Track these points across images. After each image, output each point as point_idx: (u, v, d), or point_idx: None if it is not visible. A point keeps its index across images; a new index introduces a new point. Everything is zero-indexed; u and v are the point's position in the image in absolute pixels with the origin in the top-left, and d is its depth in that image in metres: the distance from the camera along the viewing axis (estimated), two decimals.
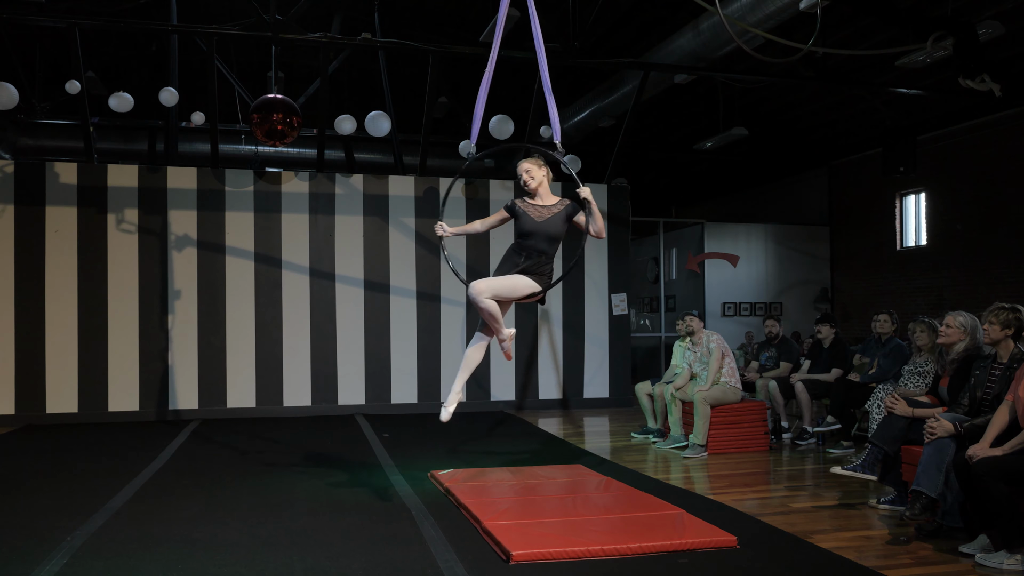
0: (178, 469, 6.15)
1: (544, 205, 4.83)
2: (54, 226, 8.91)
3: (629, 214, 10.71)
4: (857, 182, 13.16)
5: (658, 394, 7.65)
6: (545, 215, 4.78)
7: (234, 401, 9.24)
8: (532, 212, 4.78)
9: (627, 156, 11.34)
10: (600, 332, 10.34)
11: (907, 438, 4.83)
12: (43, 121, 11.35)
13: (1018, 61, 9.28)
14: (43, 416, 8.75)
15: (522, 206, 4.81)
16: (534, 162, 4.87)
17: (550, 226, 4.76)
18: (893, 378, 6.55)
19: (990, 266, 10.67)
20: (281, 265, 9.44)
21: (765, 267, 13.73)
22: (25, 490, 5.41)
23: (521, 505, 4.86)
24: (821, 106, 12.20)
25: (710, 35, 8.45)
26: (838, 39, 9.58)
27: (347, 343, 9.56)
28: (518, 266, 4.71)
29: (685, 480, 5.94)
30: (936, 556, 4.02)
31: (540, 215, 4.77)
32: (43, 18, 7.99)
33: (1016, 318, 4.39)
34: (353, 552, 3.97)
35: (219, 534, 4.27)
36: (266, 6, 7.98)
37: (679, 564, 3.78)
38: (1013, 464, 3.84)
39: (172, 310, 9.13)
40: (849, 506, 5.05)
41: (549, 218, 4.77)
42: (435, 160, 11.38)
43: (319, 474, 5.92)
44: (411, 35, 9.42)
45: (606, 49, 11.03)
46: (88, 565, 3.75)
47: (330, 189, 9.66)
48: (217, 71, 9.18)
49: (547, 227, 4.75)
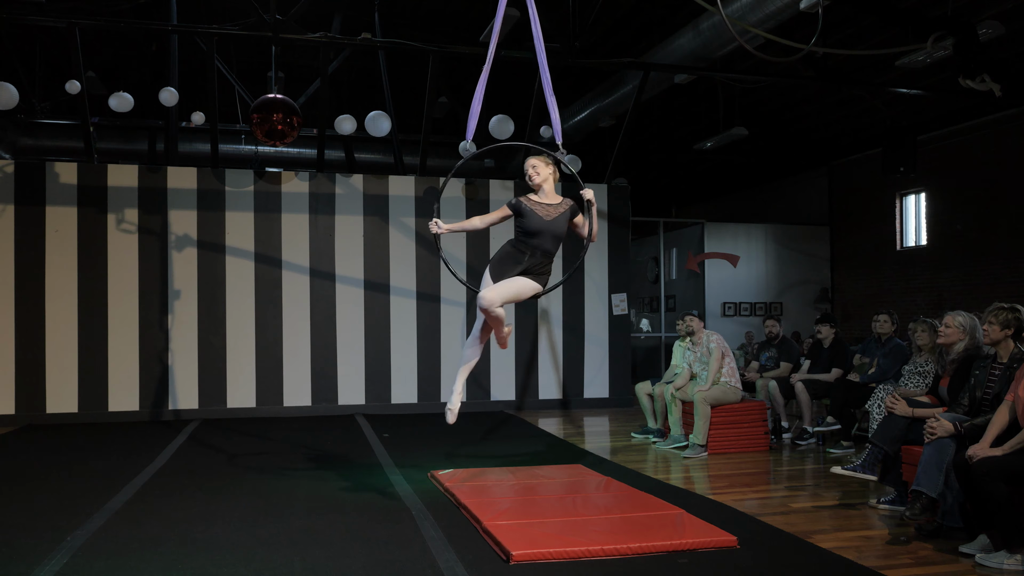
0: (178, 469, 6.15)
1: (551, 204, 4.78)
2: (54, 226, 8.91)
3: (629, 214, 10.71)
4: (857, 182, 13.16)
5: (658, 394, 7.65)
6: (552, 214, 4.73)
7: (234, 401, 9.24)
8: (540, 211, 4.72)
9: (627, 156, 11.34)
10: (600, 332, 10.34)
11: (907, 438, 4.83)
12: (43, 121, 11.35)
13: (1018, 61, 9.28)
14: (43, 416, 8.75)
15: (528, 204, 4.75)
16: (542, 159, 4.83)
17: (556, 226, 4.73)
18: (893, 378, 6.55)
19: (990, 266, 10.67)
20: (281, 265, 9.44)
21: (765, 267, 13.73)
22: (25, 490, 5.40)
23: (521, 505, 4.86)
24: (821, 106, 12.20)
25: (710, 35, 8.45)
26: (838, 39, 9.58)
27: (347, 343, 9.56)
28: (521, 264, 4.68)
29: (685, 480, 5.94)
30: (936, 556, 4.02)
31: (548, 214, 4.72)
32: (43, 18, 7.98)
33: (1016, 318, 4.39)
34: (353, 552, 3.97)
35: (219, 534, 4.27)
36: (266, 6, 7.98)
37: (679, 564, 3.78)
38: (1013, 464, 3.84)
39: (172, 310, 9.13)
40: (849, 506, 5.05)
41: (556, 217, 4.73)
42: (435, 160, 11.38)
43: (319, 474, 5.92)
44: (411, 35, 9.41)
45: (606, 49, 11.04)
46: (88, 565, 3.75)
47: (330, 189, 9.66)
48: (217, 71, 9.18)
49: (554, 227, 4.71)
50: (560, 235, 4.74)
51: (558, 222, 4.73)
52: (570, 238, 5.06)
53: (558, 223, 4.73)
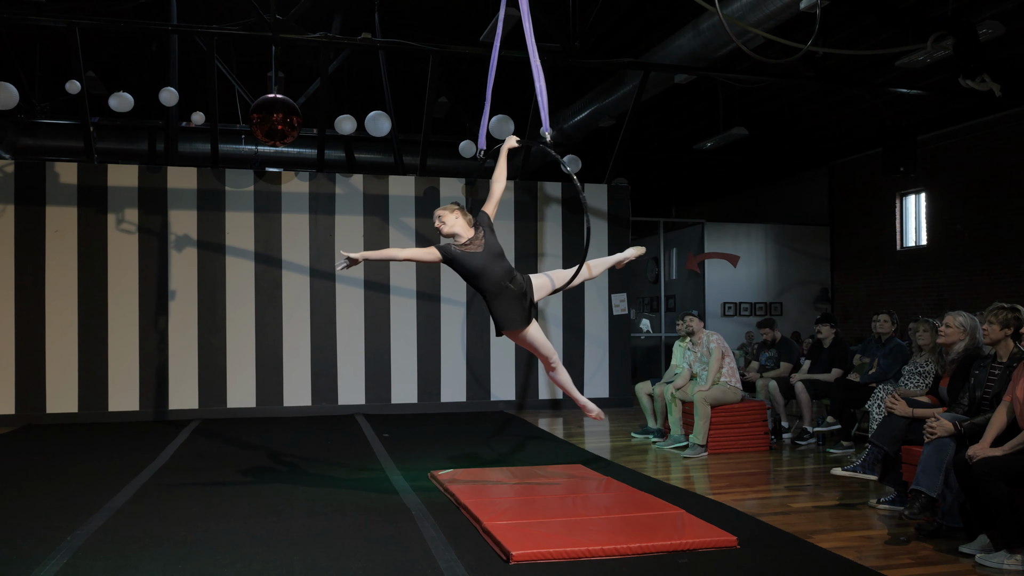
0: (178, 469, 6.15)
1: (473, 238, 4.80)
2: (54, 226, 8.91)
3: (629, 214, 10.71)
4: (857, 182, 13.16)
5: (658, 394, 7.65)
6: (480, 245, 4.76)
7: (234, 401, 9.23)
8: (469, 249, 4.76)
9: (627, 156, 11.34)
10: (600, 332, 10.34)
11: (907, 438, 4.83)
12: (43, 121, 11.35)
13: (1018, 61, 9.28)
14: (43, 416, 8.75)
15: (457, 248, 4.77)
16: (444, 208, 4.87)
17: (490, 249, 4.77)
18: (893, 378, 6.55)
19: (990, 266, 10.67)
20: (281, 265, 9.44)
21: (765, 267, 13.73)
22: (25, 490, 5.40)
23: (521, 505, 4.86)
24: (821, 106, 12.20)
25: (710, 35, 8.45)
26: (838, 39, 9.58)
27: (347, 343, 9.56)
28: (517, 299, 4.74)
29: (685, 480, 5.94)
30: (936, 556, 4.02)
31: (477, 247, 4.75)
32: (43, 18, 7.98)
33: (1016, 318, 4.39)
34: (353, 552, 3.97)
35: (219, 534, 4.27)
36: (266, 6, 7.98)
37: (679, 564, 3.78)
38: (1013, 464, 3.85)
39: (172, 310, 9.13)
40: (849, 506, 5.06)
41: (484, 244, 4.77)
42: (435, 160, 11.38)
43: (319, 474, 5.92)
44: (411, 35, 9.41)
45: (606, 49, 11.03)
46: (88, 565, 3.75)
47: (330, 189, 9.66)
48: (217, 71, 9.18)
49: (489, 253, 4.76)
50: (499, 252, 4.81)
51: (488, 245, 4.79)
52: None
53: (489, 246, 4.79)
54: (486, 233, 4.81)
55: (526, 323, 4.79)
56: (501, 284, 4.73)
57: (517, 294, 4.76)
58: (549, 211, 10.25)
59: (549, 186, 10.32)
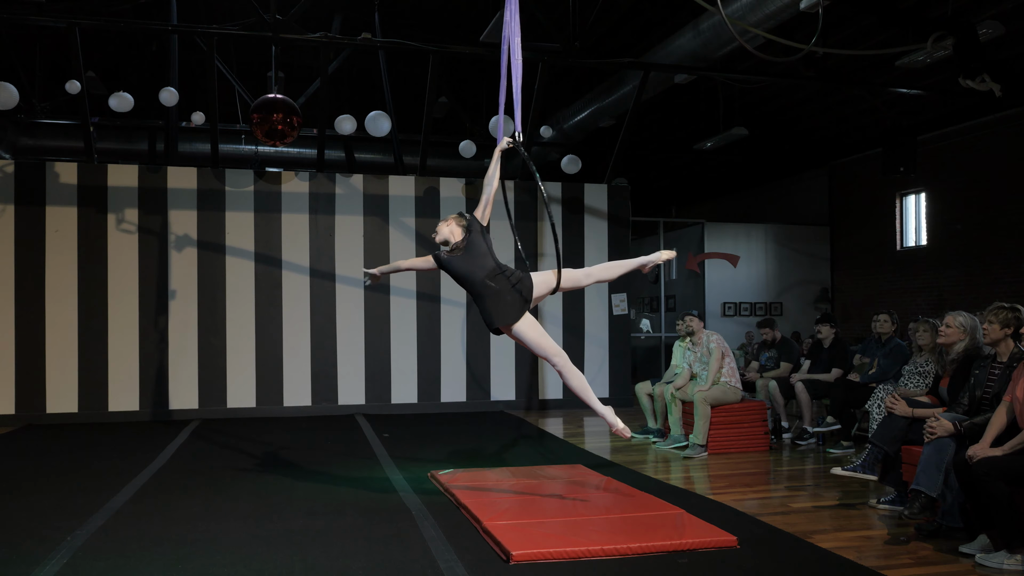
0: (178, 469, 6.15)
1: (458, 244, 4.86)
2: (54, 226, 8.91)
3: (629, 214, 10.71)
4: (857, 182, 13.16)
5: (658, 394, 7.65)
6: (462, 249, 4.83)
7: (234, 401, 9.23)
8: (455, 253, 4.85)
9: (627, 156, 11.33)
10: (600, 332, 10.34)
11: (907, 438, 4.83)
12: (43, 121, 11.35)
13: (1018, 61, 9.28)
14: (43, 416, 8.75)
15: (446, 256, 4.89)
16: (444, 220, 5.00)
17: (474, 249, 4.81)
18: (893, 378, 6.55)
19: (990, 266, 10.67)
20: (281, 265, 9.44)
21: (765, 267, 13.73)
22: (25, 490, 5.40)
23: (521, 505, 4.86)
24: (821, 106, 12.20)
25: (710, 35, 8.45)
26: (838, 39, 9.58)
27: (347, 343, 9.56)
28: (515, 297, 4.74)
29: (685, 480, 5.94)
30: (936, 556, 4.02)
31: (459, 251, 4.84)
32: (43, 18, 7.98)
33: (1016, 317, 4.39)
34: (353, 552, 3.97)
35: (219, 534, 4.27)
36: (266, 6, 7.98)
37: (679, 564, 3.78)
38: (1013, 464, 3.84)
39: (172, 310, 9.13)
40: (849, 506, 5.06)
41: (468, 247, 4.82)
42: (435, 160, 11.38)
43: (319, 474, 5.92)
44: (411, 35, 9.41)
45: (606, 49, 11.03)
46: (88, 565, 3.75)
47: (330, 189, 9.66)
48: (217, 71, 9.18)
49: (473, 253, 4.80)
50: (483, 251, 4.83)
51: (472, 246, 4.82)
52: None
53: (473, 247, 4.82)
54: (473, 235, 4.86)
55: (512, 320, 4.75)
56: (484, 283, 4.77)
57: (501, 291, 4.75)
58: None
59: (549, 186, 10.32)
